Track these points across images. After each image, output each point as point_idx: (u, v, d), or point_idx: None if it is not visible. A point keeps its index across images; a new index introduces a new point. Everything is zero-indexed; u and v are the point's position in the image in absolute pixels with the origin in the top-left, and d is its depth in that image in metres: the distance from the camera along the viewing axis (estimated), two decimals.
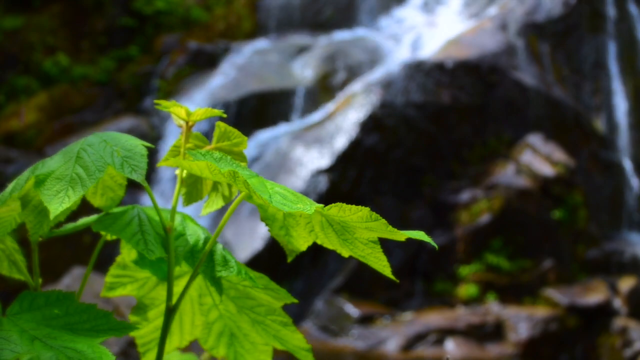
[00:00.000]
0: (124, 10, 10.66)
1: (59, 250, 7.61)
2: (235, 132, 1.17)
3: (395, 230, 1.00)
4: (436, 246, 0.99)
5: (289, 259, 1.10)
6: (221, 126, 1.17)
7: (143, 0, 10.70)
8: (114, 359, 0.95)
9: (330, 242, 1.05)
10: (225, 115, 1.13)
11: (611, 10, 10.30)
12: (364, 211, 0.99)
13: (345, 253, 1.06)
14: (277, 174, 8.42)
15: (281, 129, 9.14)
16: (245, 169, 1.05)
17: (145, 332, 1.24)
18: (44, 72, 10.01)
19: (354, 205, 0.98)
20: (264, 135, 9.07)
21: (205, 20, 10.89)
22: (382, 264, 1.06)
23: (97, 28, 10.54)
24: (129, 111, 9.69)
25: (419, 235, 1.00)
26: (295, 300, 1.16)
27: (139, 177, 1.01)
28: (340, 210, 1.00)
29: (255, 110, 9.34)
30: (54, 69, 10.02)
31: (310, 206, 0.99)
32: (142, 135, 8.92)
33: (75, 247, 7.63)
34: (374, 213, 0.99)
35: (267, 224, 1.06)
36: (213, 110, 1.14)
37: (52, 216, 0.95)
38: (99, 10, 10.58)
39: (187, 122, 1.14)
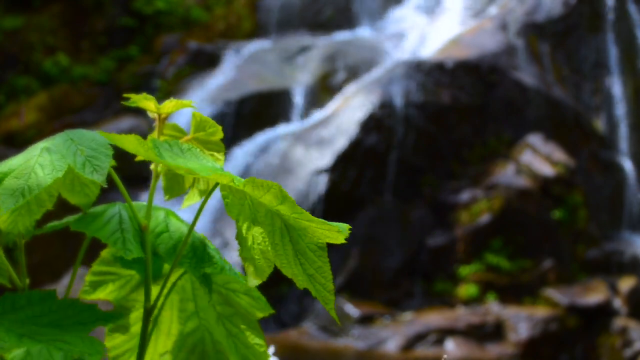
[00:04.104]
0: (124, 10, 10.66)
1: (58, 251, 7.61)
2: (210, 121, 1.16)
3: (305, 212, 0.96)
4: (345, 235, 0.95)
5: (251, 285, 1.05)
6: (197, 116, 1.16)
7: (143, 0, 10.70)
8: (104, 346, 0.95)
9: (287, 260, 1.00)
10: (195, 107, 1.13)
11: (611, 11, 10.30)
12: (275, 187, 0.96)
13: (300, 280, 1.00)
14: (277, 174, 8.42)
15: (281, 129, 9.14)
16: (210, 160, 1.04)
17: (120, 341, 1.16)
18: (44, 72, 10.01)
19: (265, 181, 0.96)
20: (264, 135, 9.07)
21: (205, 20, 10.89)
22: (327, 288, 0.99)
23: (97, 28, 10.54)
24: (129, 111, 9.69)
25: (341, 226, 0.96)
26: (273, 311, 1.15)
27: (99, 177, 0.99)
28: (255, 188, 0.97)
29: (255, 110, 9.35)
30: (54, 69, 10.02)
31: (213, 170, 0.96)
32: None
33: (75, 247, 7.63)
34: (284, 191, 0.96)
35: (239, 244, 1.02)
36: (183, 102, 1.13)
37: (3, 211, 0.93)
38: (99, 10, 10.58)
39: (159, 115, 1.14)
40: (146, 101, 1.12)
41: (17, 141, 9.23)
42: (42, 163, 0.98)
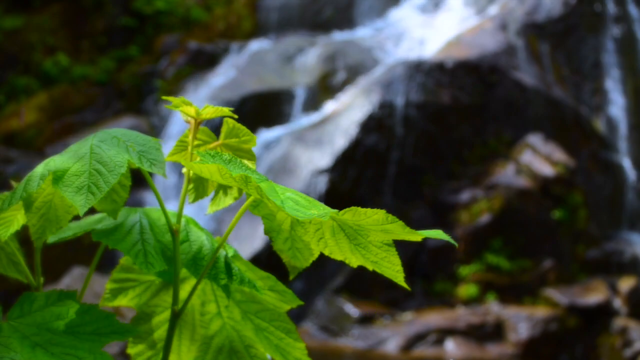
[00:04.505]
0: (124, 10, 10.66)
1: (59, 251, 7.61)
2: (244, 129, 1.15)
3: (413, 231, 0.97)
4: (456, 244, 0.97)
5: (291, 277, 1.04)
6: (229, 122, 1.15)
7: (143, 0, 10.70)
8: None
9: (340, 250, 1.01)
10: (235, 116, 1.12)
11: (611, 11, 10.30)
12: (379, 214, 0.96)
13: (354, 262, 1.01)
14: (278, 175, 8.42)
15: (281, 129, 9.14)
16: (255, 172, 1.03)
17: (144, 347, 1.16)
18: (44, 72, 10.01)
19: (369, 209, 0.96)
20: (264, 135, 9.07)
21: (205, 20, 10.89)
22: (395, 270, 1.03)
23: (97, 28, 10.54)
24: (129, 111, 9.69)
25: (438, 234, 0.97)
26: (302, 302, 1.14)
27: (159, 170, 0.99)
28: (355, 215, 0.96)
29: (255, 111, 9.35)
30: (54, 69, 10.02)
31: (325, 212, 0.95)
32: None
33: (76, 247, 7.63)
34: (390, 215, 0.96)
35: (271, 237, 1.00)
36: (223, 109, 1.12)
37: (81, 212, 0.92)
38: (99, 10, 10.58)
39: (195, 120, 1.13)
40: (187, 107, 1.11)
41: (17, 141, 9.22)
42: (99, 160, 0.97)
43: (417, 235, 0.98)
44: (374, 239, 1.01)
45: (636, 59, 10.28)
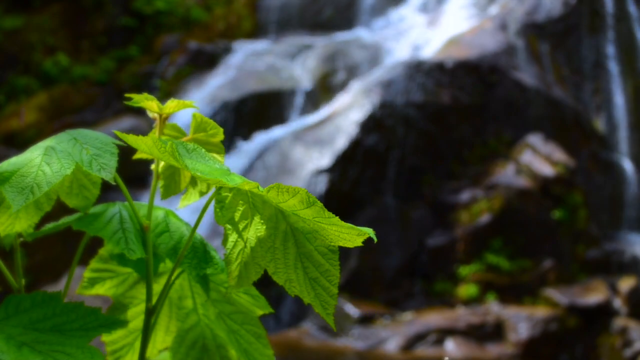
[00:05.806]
0: (124, 10, 10.66)
1: (59, 251, 7.61)
2: (211, 123, 1.16)
3: (333, 217, 0.93)
4: (375, 239, 0.93)
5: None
6: (197, 117, 1.16)
7: (143, 0, 10.70)
8: (104, 357, 0.95)
9: (285, 263, 0.98)
10: (197, 107, 1.13)
11: (611, 11, 10.30)
12: (301, 192, 0.93)
13: (294, 287, 0.97)
14: (277, 175, 8.42)
15: (281, 129, 9.14)
16: (215, 161, 1.03)
17: (118, 336, 1.17)
18: (44, 72, 10.01)
19: (291, 186, 0.93)
20: (263, 135, 9.07)
21: (205, 20, 10.89)
22: (329, 293, 0.97)
23: (97, 28, 10.54)
24: (129, 111, 9.69)
25: (365, 230, 0.93)
26: (272, 310, 1.15)
27: (107, 175, 0.99)
28: (280, 193, 0.94)
29: (255, 111, 9.35)
30: (54, 69, 10.02)
31: (238, 180, 0.94)
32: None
33: (75, 247, 7.63)
34: (312, 195, 0.93)
35: (227, 248, 0.98)
36: (185, 102, 1.13)
37: (14, 209, 0.93)
38: (99, 10, 10.58)
39: (160, 115, 1.14)
40: (148, 101, 1.12)
41: (17, 141, 9.23)
42: (48, 161, 0.98)
43: (353, 235, 0.94)
44: (320, 243, 0.97)
45: (636, 58, 10.28)
